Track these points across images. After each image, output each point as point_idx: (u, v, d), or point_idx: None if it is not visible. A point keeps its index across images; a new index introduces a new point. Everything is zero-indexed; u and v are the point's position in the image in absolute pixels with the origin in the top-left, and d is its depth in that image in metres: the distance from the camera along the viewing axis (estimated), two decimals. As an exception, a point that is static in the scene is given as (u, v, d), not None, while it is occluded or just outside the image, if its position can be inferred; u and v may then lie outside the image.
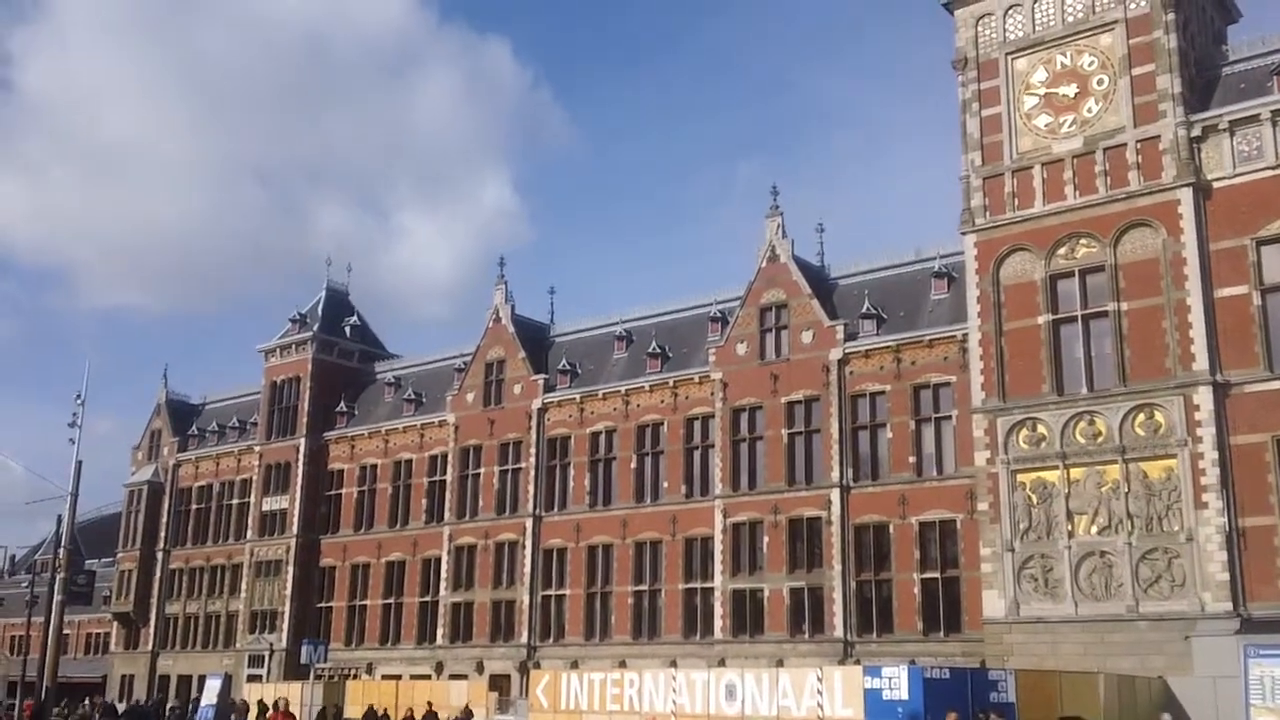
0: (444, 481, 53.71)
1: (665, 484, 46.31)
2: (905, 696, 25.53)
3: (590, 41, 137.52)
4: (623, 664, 41.22)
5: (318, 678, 43.93)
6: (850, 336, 42.11)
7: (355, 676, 52.03)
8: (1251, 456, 31.10)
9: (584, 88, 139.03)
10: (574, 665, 43.13)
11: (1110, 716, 28.05)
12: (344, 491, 58.17)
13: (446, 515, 52.98)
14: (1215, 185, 33.04)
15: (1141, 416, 32.78)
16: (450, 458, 53.49)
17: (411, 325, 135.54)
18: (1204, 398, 31.82)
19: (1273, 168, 32.21)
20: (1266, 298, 31.94)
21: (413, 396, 56.93)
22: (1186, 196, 33.18)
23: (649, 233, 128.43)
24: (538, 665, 45.69)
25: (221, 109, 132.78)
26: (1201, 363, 32.06)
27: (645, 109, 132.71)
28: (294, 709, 43.15)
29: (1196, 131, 33.44)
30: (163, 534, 65.95)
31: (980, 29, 38.05)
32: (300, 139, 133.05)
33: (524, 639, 48.64)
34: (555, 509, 49.46)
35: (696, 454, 45.86)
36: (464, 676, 47.84)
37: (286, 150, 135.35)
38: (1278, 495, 30.62)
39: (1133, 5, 35.20)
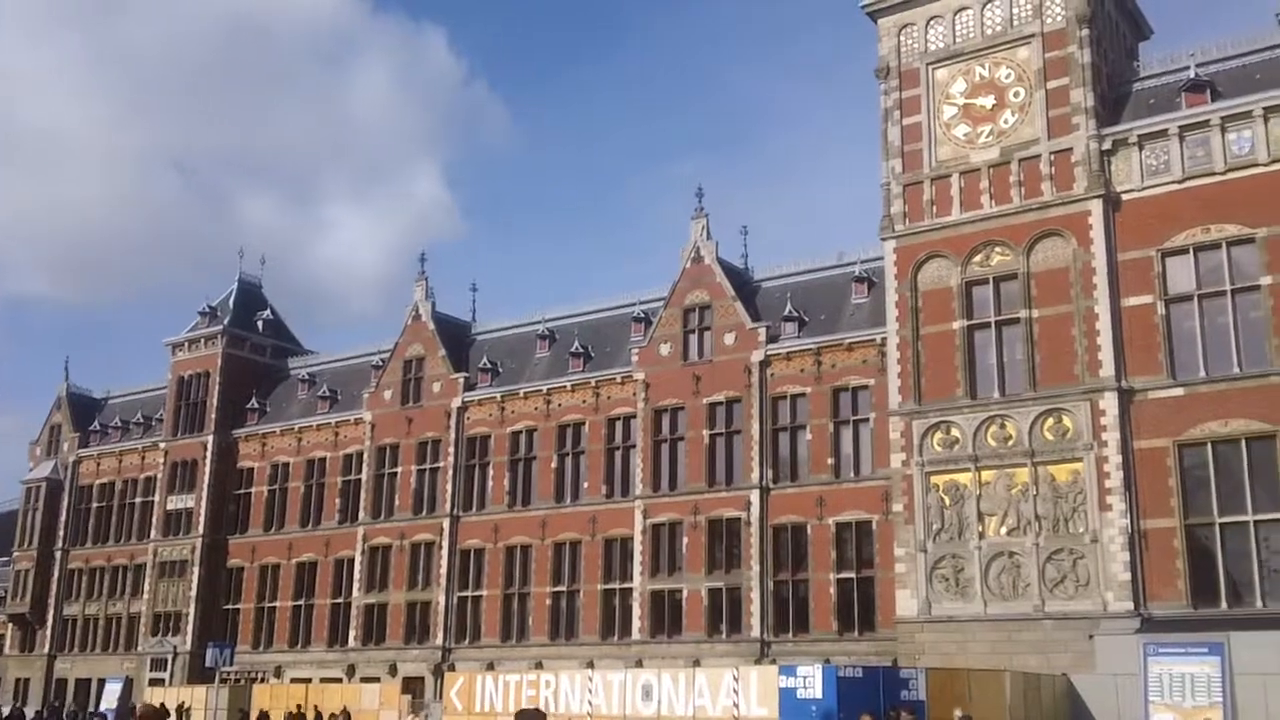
0: (359, 481, 52.97)
1: (586, 484, 46.26)
2: (819, 695, 25.83)
3: (528, 35, 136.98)
4: (539, 665, 41.09)
5: (223, 681, 42.97)
6: (772, 339, 42.53)
7: (263, 680, 51.00)
8: (1154, 461, 32.08)
9: (521, 81, 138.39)
10: (490, 667, 42.91)
11: (1016, 714, 28.70)
12: (254, 490, 57.04)
13: (361, 515, 52.26)
14: (1124, 197, 34.04)
15: (1050, 421, 33.62)
16: (366, 456, 52.79)
17: (339, 320, 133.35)
18: (1109, 403, 32.75)
19: (1179, 182, 33.28)
20: (1170, 308, 32.98)
21: (327, 394, 56.08)
22: (1096, 208, 34.13)
23: (584, 231, 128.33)
24: (453, 667, 45.31)
25: (143, 96, 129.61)
26: (1108, 369, 32.99)
27: (584, 105, 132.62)
28: (198, 713, 42.52)
29: (1107, 145, 34.40)
30: (62, 533, 63.97)
31: (903, 38, 38.70)
32: (226, 128, 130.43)
33: (439, 641, 48.16)
34: (474, 509, 49.10)
35: (618, 454, 45.89)
36: (376, 679, 47.18)
37: (211, 139, 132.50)
38: (1178, 498, 31.62)
39: (1049, 20, 36.11)
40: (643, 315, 46.98)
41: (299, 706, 39.42)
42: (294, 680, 49.59)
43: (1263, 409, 30.84)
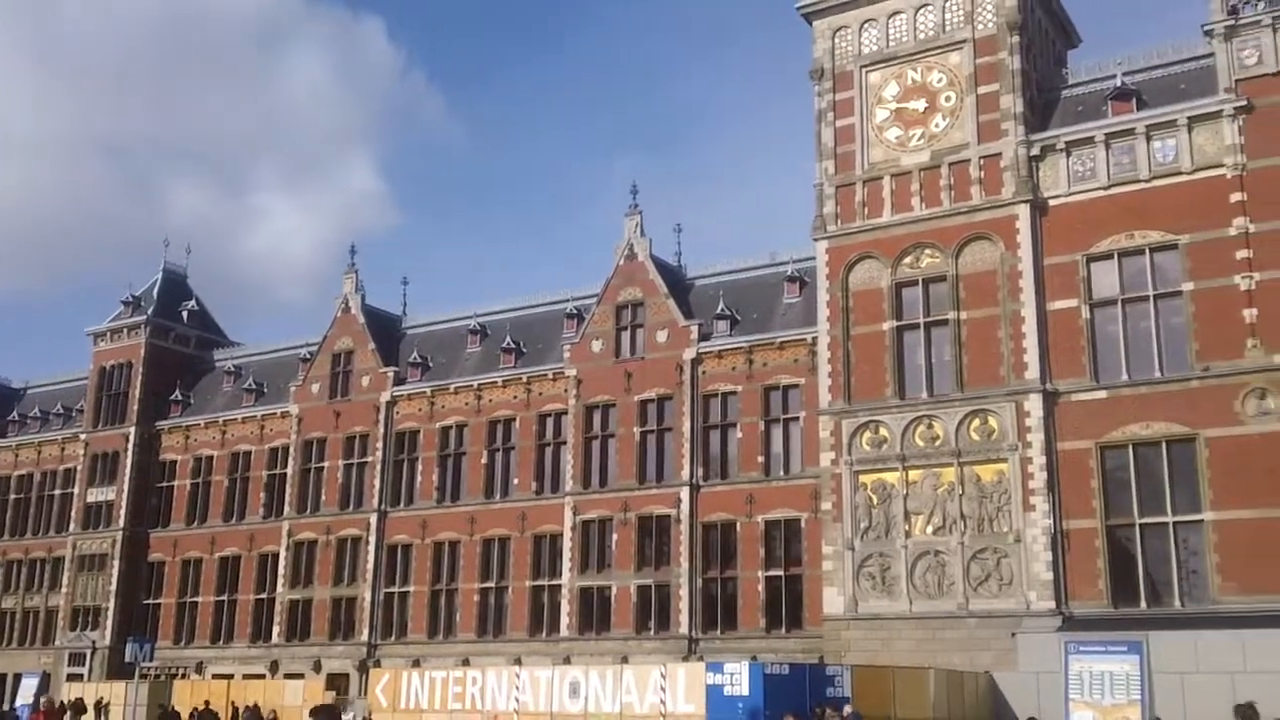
0: (284, 475, 52.15)
1: (516, 480, 45.99)
2: (746, 692, 25.96)
3: (468, 27, 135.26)
4: (466, 662, 40.76)
5: (143, 677, 42.02)
6: (704, 337, 42.61)
7: (184, 676, 50.04)
8: (1076, 462, 32.65)
9: (460, 74, 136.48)
10: (416, 664, 42.36)
11: (940, 710, 29.08)
12: (176, 484, 55.90)
13: (286, 510, 51.45)
14: (1051, 203, 34.59)
15: (976, 422, 34.08)
16: (292, 450, 51.96)
17: (269, 311, 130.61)
18: (1034, 405, 33.28)
19: (1105, 188, 33.90)
20: (1095, 312, 33.59)
21: (253, 386, 55.11)
22: (1024, 213, 34.64)
23: (521, 226, 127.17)
24: (378, 664, 44.78)
25: (71, 80, 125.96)
26: (1033, 372, 33.51)
27: (523, 99, 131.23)
28: (117, 709, 41.57)
29: (1035, 150, 34.93)
30: (-22, 525, 62.15)
31: (837, 41, 38.96)
32: (157, 114, 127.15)
33: (365, 637, 47.57)
34: (402, 504, 48.56)
35: (548, 451, 45.68)
36: (300, 676, 46.49)
37: (142, 125, 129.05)
38: (1099, 499, 32.22)
39: (980, 26, 36.58)
40: (575, 312, 46.80)
41: (206, 703, 38.67)
42: (216, 676, 48.79)
43: (1183, 412, 31.53)
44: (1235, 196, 31.95)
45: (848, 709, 24.69)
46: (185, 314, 60.46)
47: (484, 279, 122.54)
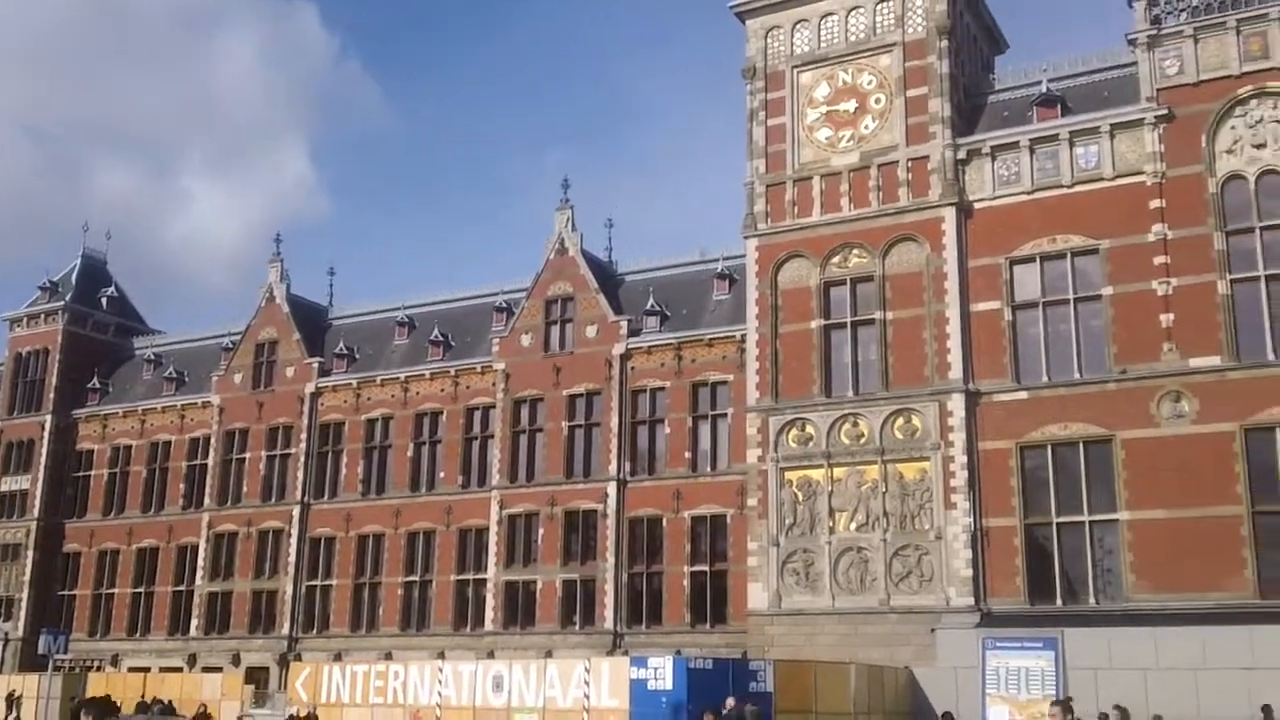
0: (205, 466, 51.26)
1: (442, 474, 45.66)
2: (669, 687, 26.04)
3: (404, 13, 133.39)
4: (389, 656, 40.44)
5: (57, 669, 40.95)
6: (634, 332, 42.63)
7: (99, 669, 48.90)
8: (997, 461, 33.23)
9: (396, 62, 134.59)
10: (338, 658, 41.96)
11: (860, 705, 29.45)
12: (93, 473, 54.64)
13: (206, 501, 50.57)
14: (976, 206, 35.13)
15: (900, 420, 34.52)
16: (213, 441, 51.07)
17: (195, 299, 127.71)
18: (957, 405, 33.79)
19: (1028, 193, 34.50)
20: (1017, 314, 34.19)
21: (174, 375, 54.02)
22: (950, 215, 35.14)
23: (454, 217, 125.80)
24: (299, 657, 44.19)
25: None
26: (956, 372, 34.03)
27: (458, 89, 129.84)
28: (30, 702, 40.53)
29: (962, 154, 35.44)
30: (-115, 514, 60.08)
31: (769, 41, 39.17)
32: (82, 95, 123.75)
33: (285, 630, 46.92)
34: (325, 497, 47.98)
35: (475, 444, 45.43)
36: (219, 669, 45.71)
37: (66, 106, 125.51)
38: (1019, 498, 32.82)
39: (910, 30, 37.01)
40: (505, 305, 46.56)
41: (107, 696, 37.79)
42: (132, 669, 47.74)
43: (1100, 414, 32.22)
44: (1154, 203, 32.71)
45: (730, 702, 24.81)
46: (104, 300, 59.06)
47: (414, 271, 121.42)
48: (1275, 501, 30.02)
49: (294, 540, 47.72)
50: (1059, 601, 31.89)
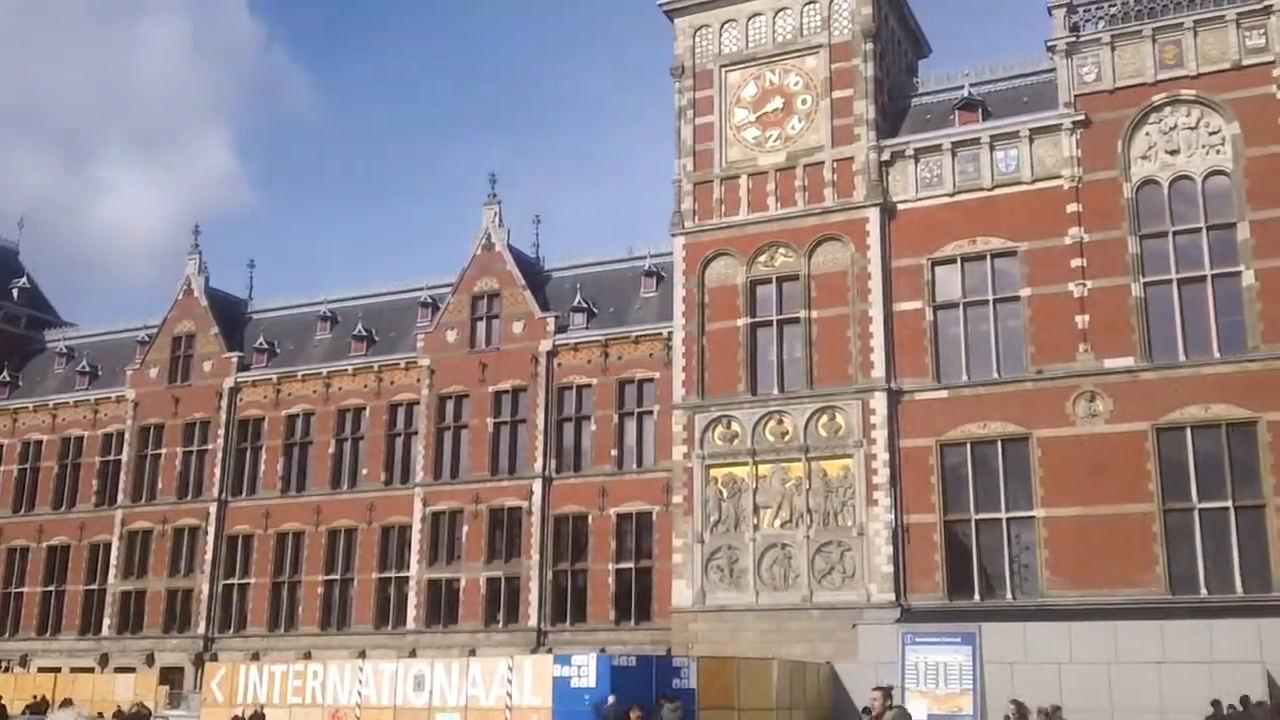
0: (119, 462, 49.97)
1: (365, 471, 45.07)
2: (593, 684, 26.01)
3: (334, 2, 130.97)
4: (308, 656, 39.84)
5: (-39, 671, 39.83)
6: (561, 329, 42.49)
7: (7, 669, 47.54)
8: (918, 459, 33.70)
9: (325, 51, 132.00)
10: (255, 657, 41.25)
11: (782, 700, 29.65)
12: (2, 469, 52.87)
13: (120, 498, 49.31)
14: (900, 207, 35.59)
15: (825, 418, 34.85)
16: (128, 436, 49.82)
17: (113, 290, 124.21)
18: (879, 403, 34.21)
19: (950, 195, 35.04)
20: (938, 314, 34.70)
21: (87, 369, 52.60)
22: (874, 216, 35.55)
23: (381, 211, 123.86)
24: (215, 657, 43.35)
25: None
26: (879, 370, 34.44)
27: (389, 81, 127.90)
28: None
29: (886, 156, 35.87)
30: None
31: (698, 39, 39.29)
32: None
33: (201, 630, 45.96)
34: (244, 494, 47.09)
35: (399, 441, 44.91)
36: (132, 669, 44.66)
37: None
38: (939, 495, 33.33)
39: (836, 32, 37.37)
40: (430, 301, 46.11)
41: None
42: (41, 670, 46.55)
43: (1018, 412, 32.84)
44: (1071, 207, 33.40)
45: (610, 699, 25.02)
46: (15, 291, 57.29)
47: (340, 264, 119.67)
48: (1186, 499, 30.84)
49: (210, 538, 46.76)
50: (977, 597, 32.45)
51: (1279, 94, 31.64)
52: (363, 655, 38.16)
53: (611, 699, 24.87)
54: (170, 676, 44.06)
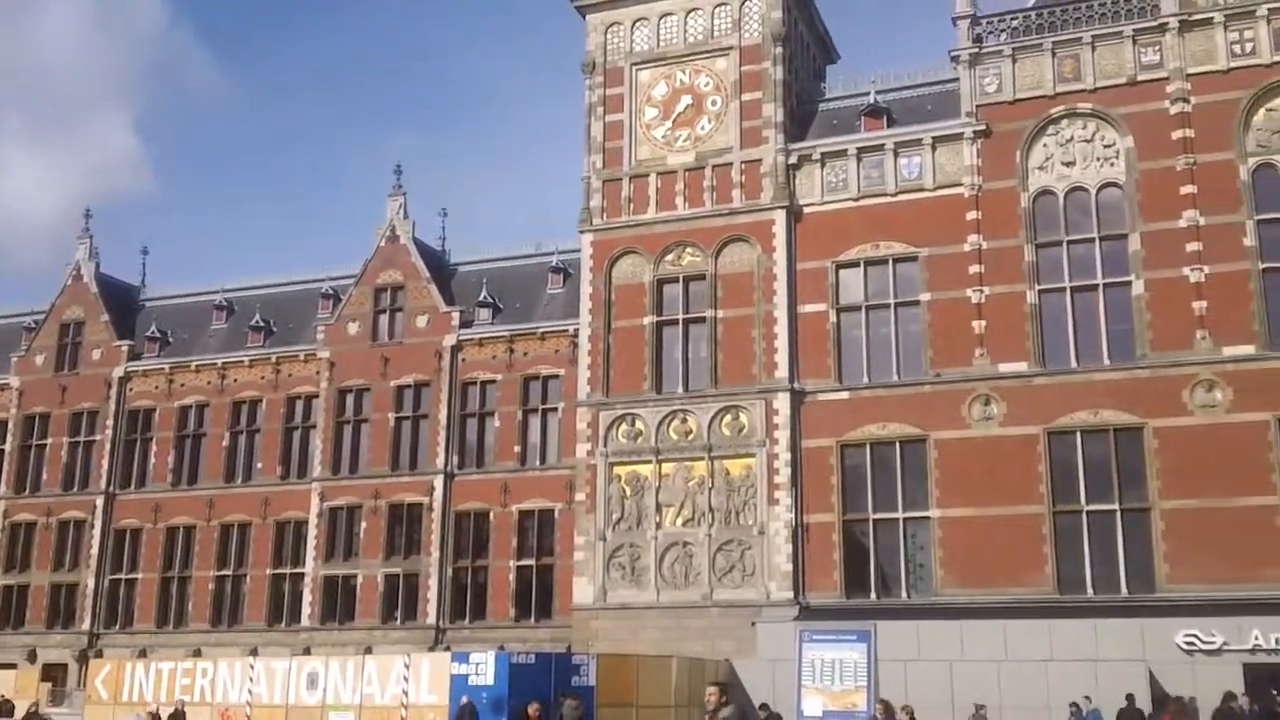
0: (1, 451, 48.11)
1: (260, 464, 44.14)
2: (491, 682, 25.85)
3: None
4: (198, 653, 38.84)
5: None
6: (466, 324, 42.10)
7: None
8: (819, 459, 34.10)
9: (234, 33, 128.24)
10: (143, 654, 40.13)
11: (681, 697, 29.77)
12: (-126, 458, 50.61)
13: (2, 489, 47.54)
14: (806, 210, 35.97)
15: (729, 418, 35.07)
16: (11, 425, 48.08)
17: (9, 274, 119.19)
18: (782, 403, 34.54)
19: (854, 199, 35.53)
20: (841, 316, 35.16)
21: (-31, 355, 50.56)
22: (780, 218, 35.87)
23: (286, 200, 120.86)
24: (100, 654, 41.96)
25: None
26: (783, 371, 34.77)
27: (301, 65, 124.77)
28: None
29: (793, 159, 36.23)
30: None
31: (609, 37, 39.23)
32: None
33: (86, 626, 44.54)
34: (132, 487, 45.77)
35: (296, 434, 44.11)
36: (13, 666, 43.00)
37: None
38: (838, 495, 33.77)
39: (746, 35, 37.63)
40: (332, 292, 45.32)
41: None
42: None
43: (916, 415, 33.43)
44: (971, 214, 34.11)
45: (464, 699, 25.07)
46: (-108, 273, 54.89)
47: (243, 253, 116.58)
48: (1075, 502, 31.72)
49: (97, 531, 45.35)
50: (874, 596, 32.96)
51: (1171, 109, 32.73)
52: (255, 653, 37.28)
53: (465, 699, 24.88)
54: (53, 673, 42.80)
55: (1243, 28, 32.62)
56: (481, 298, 42.42)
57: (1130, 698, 26.26)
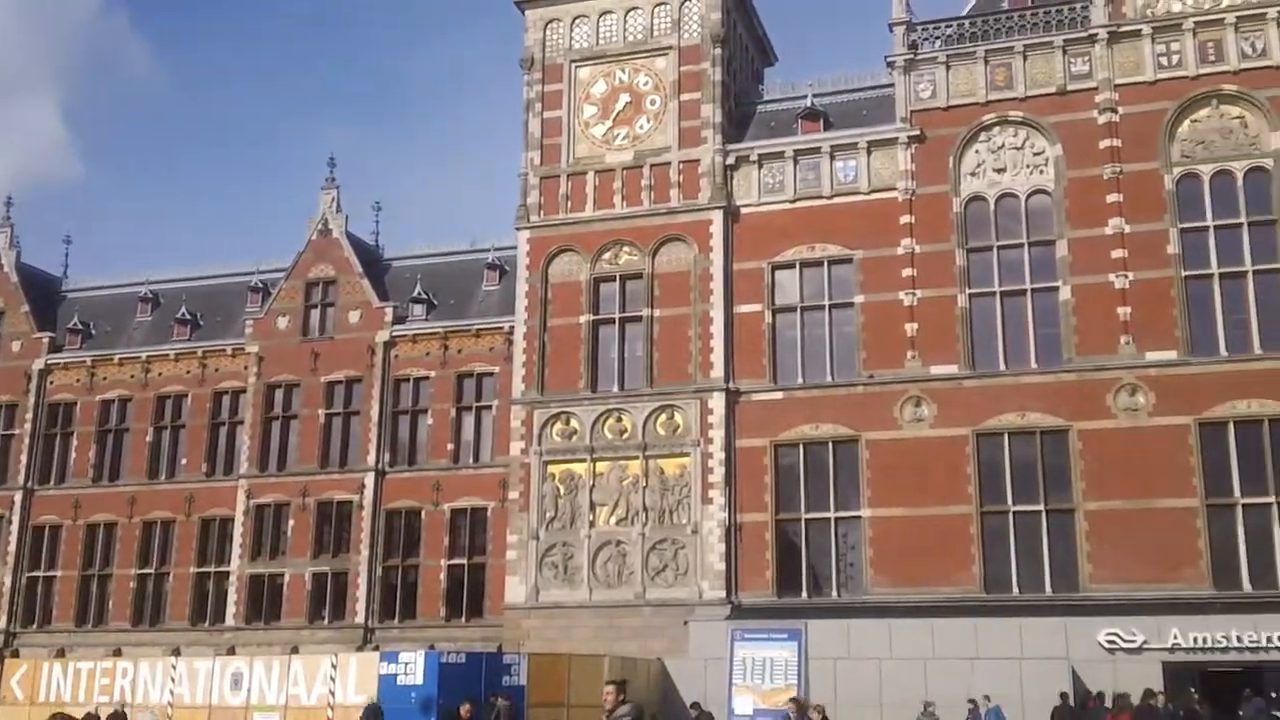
0: (-89, 446, 46.63)
1: (185, 461, 43.21)
2: (420, 681, 25.67)
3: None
4: (118, 653, 37.89)
5: None
6: (399, 320, 41.62)
7: None
8: (752, 459, 34.27)
9: (169, 20, 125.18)
10: (61, 654, 39.10)
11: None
12: None
13: (-88, 484, 46.01)
14: (743, 211, 36.14)
15: (664, 417, 35.10)
16: (-76, 418, 46.54)
17: None
18: (717, 403, 34.65)
19: (791, 201, 35.78)
20: (776, 317, 35.38)
21: (-120, 345, 48.85)
22: (718, 218, 36.01)
23: (219, 190, 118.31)
24: (16, 654, 40.73)
25: None
26: (718, 371, 34.89)
27: (239, 56, 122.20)
28: None
29: (731, 160, 36.39)
30: None
31: (549, 33, 39.08)
32: None
33: (2, 624, 43.25)
34: (51, 482, 44.53)
35: (223, 430, 43.21)
36: (-80, 668, 41.65)
37: None
38: (771, 495, 33.96)
39: (686, 35, 37.73)
40: (261, 285, 44.50)
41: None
42: None
43: (849, 415, 33.74)
44: (904, 219, 34.52)
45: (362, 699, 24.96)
46: None
47: (171, 245, 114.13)
48: (1001, 502, 32.23)
49: (14, 528, 44.03)
50: (805, 595, 33.19)
51: (1099, 119, 33.41)
52: (177, 653, 36.49)
53: (369, 700, 24.68)
54: (-37, 675, 41.27)
55: (1169, 40, 33.42)
56: (416, 294, 41.97)
57: (1064, 696, 26.76)
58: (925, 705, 27.13)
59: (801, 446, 34.08)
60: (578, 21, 38.99)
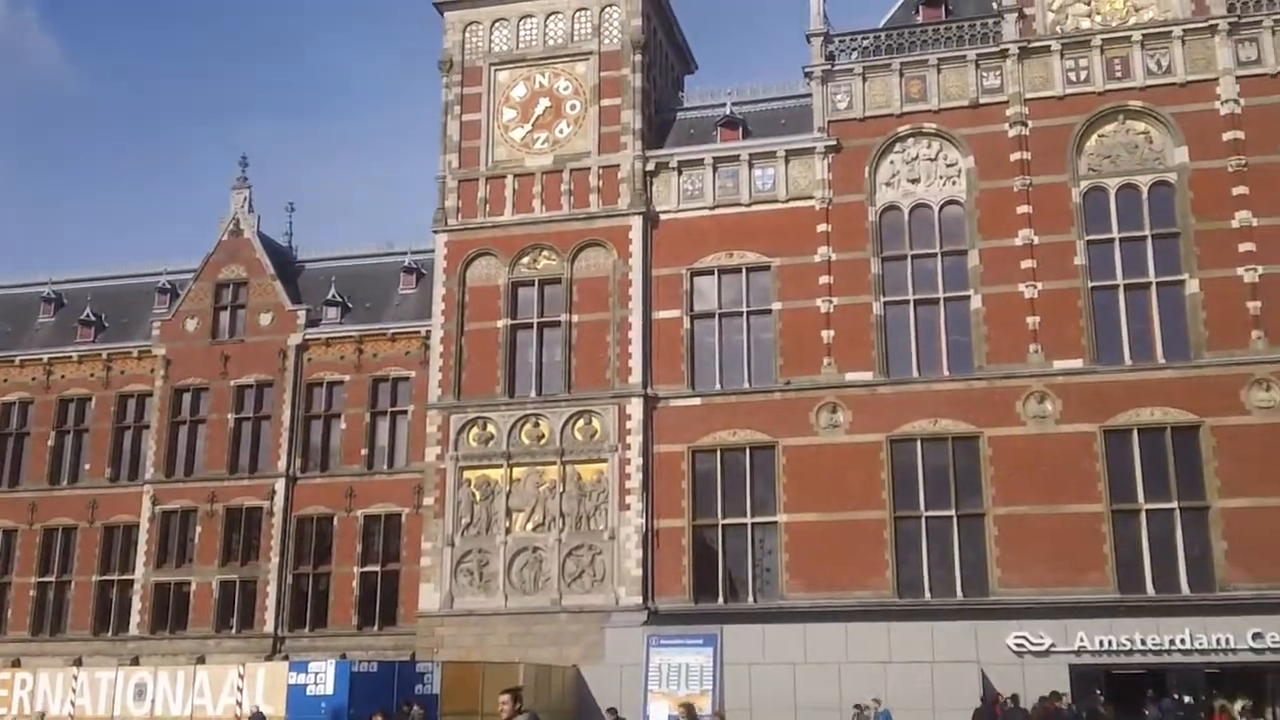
0: None
1: (88, 466, 42.01)
2: (330, 691, 25.28)
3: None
4: (17, 663, 36.65)
5: None
6: (312, 323, 40.93)
7: None
8: (670, 465, 34.31)
9: (78, 16, 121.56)
10: (-48, 667, 37.60)
11: (527, 701, 29.41)
12: None
13: None
14: (662, 217, 36.22)
15: (581, 422, 34.99)
16: None
17: None
18: (635, 409, 34.64)
19: (710, 208, 35.94)
20: (695, 323, 35.50)
21: None
22: (637, 224, 36.04)
23: (131, 189, 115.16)
24: (-96, 668, 39.20)
25: None
26: (636, 377, 34.89)
27: (151, 52, 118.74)
28: None
29: (651, 166, 36.45)
30: None
31: (468, 35, 38.80)
32: None
33: (-112, 638, 41.56)
34: (-54, 489, 42.95)
35: (128, 434, 42.09)
36: None
37: None
38: (688, 500, 34.02)
39: (606, 41, 37.74)
40: (169, 286, 43.47)
41: None
42: None
43: (766, 421, 33.97)
44: (821, 227, 34.88)
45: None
46: None
47: (77, 244, 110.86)
48: (914, 508, 32.68)
49: (-95, 536, 42.38)
50: (721, 600, 33.30)
51: (1010, 132, 34.12)
52: (79, 663, 35.37)
53: (253, 709, 24.32)
54: None
55: (1078, 56, 34.27)
56: (330, 296, 41.31)
57: (1014, 698, 27.11)
58: (856, 708, 27.34)
59: (719, 452, 34.21)
60: (498, 25, 38.79)
